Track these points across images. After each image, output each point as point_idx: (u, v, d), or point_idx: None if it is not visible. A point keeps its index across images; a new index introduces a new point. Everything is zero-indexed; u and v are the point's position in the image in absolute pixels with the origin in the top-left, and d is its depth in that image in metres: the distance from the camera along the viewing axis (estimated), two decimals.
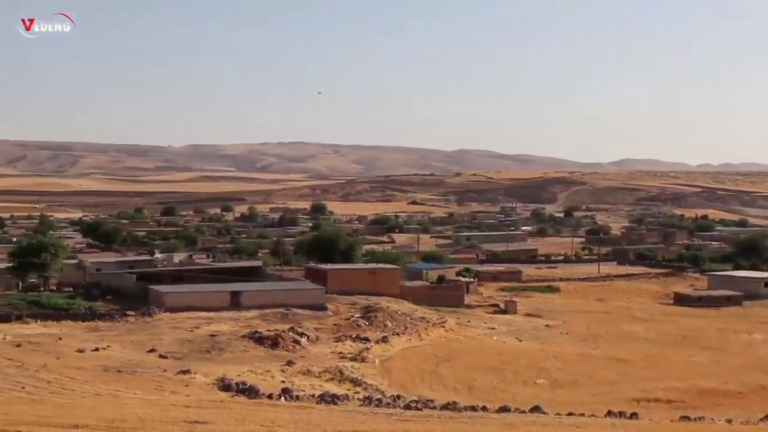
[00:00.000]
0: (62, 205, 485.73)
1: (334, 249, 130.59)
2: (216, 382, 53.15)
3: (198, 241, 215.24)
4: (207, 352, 69.04)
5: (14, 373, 51.96)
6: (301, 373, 61.96)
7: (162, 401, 42.69)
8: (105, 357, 63.49)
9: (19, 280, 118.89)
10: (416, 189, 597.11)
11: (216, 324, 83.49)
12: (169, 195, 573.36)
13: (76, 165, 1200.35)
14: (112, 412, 36.97)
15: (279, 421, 35.86)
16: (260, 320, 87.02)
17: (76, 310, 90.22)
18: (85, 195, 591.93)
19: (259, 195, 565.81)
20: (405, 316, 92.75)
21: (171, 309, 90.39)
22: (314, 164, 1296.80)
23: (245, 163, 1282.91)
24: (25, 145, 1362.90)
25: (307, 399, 46.66)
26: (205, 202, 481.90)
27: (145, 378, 53.30)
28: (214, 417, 36.14)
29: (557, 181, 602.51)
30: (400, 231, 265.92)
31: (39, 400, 42.24)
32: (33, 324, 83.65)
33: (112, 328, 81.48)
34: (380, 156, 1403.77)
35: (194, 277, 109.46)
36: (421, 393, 57.10)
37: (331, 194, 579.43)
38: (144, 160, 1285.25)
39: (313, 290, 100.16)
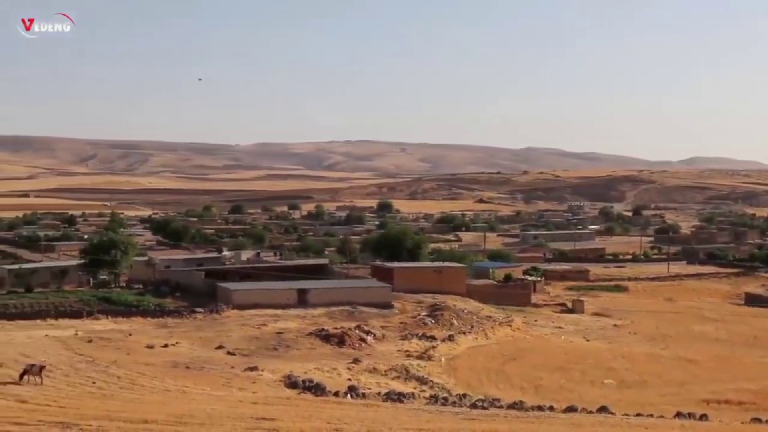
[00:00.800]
0: (132, 202, 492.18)
1: (401, 247, 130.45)
2: (283, 379, 53.42)
3: (265, 238, 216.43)
4: (274, 349, 69.40)
5: (85, 369, 52.76)
6: (367, 371, 62.03)
7: (229, 397, 43.05)
8: (174, 353, 64.15)
9: (91, 276, 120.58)
10: (483, 187, 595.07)
11: (283, 321, 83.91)
12: (237, 193, 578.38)
13: (146, 163, 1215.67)
14: (181, 407, 37.36)
15: (345, 419, 35.94)
16: (327, 318, 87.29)
17: (145, 306, 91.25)
18: (155, 193, 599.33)
19: (326, 193, 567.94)
20: (471, 314, 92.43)
21: (239, 306, 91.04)
22: (381, 162, 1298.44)
23: (312, 162, 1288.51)
24: (97, 144, 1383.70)
25: (373, 397, 46.73)
26: (272, 200, 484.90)
27: (213, 374, 53.75)
28: (281, 414, 36.32)
29: (625, 180, 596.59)
30: (466, 229, 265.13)
31: (109, 395, 42.84)
32: (104, 320, 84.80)
33: (181, 325, 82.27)
34: (447, 154, 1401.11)
35: (261, 274, 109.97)
36: (488, 392, 56.86)
37: (398, 192, 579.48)
38: (212, 158, 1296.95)
39: (379, 288, 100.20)
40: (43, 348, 63.13)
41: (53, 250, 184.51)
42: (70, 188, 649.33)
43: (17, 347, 62.67)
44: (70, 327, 78.43)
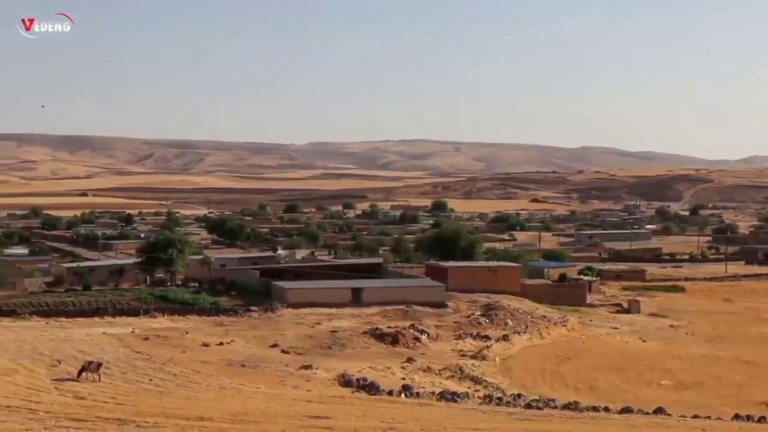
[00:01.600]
0: (188, 201, 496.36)
1: (455, 246, 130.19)
2: (337, 377, 53.55)
3: (320, 237, 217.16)
4: (328, 347, 69.59)
5: (143, 366, 53.33)
6: (421, 370, 61.98)
7: (284, 396, 43.27)
8: (229, 351, 64.58)
9: (147, 275, 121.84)
10: (538, 186, 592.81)
11: (337, 320, 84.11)
12: (292, 192, 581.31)
13: (202, 162, 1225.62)
14: (236, 405, 37.63)
15: (399, 418, 35.97)
16: (381, 317, 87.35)
17: (201, 305, 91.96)
18: (210, 192, 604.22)
19: (381, 192, 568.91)
20: (526, 314, 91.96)
21: (293, 305, 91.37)
22: (435, 162, 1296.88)
23: (367, 161, 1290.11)
24: (153, 143, 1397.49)
25: (427, 396, 46.69)
26: (326, 199, 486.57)
27: (267, 372, 54.02)
28: (335, 412, 36.44)
29: (683, 179, 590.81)
30: (521, 229, 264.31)
31: (165, 392, 43.26)
32: (160, 318, 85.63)
33: (236, 323, 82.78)
34: (501, 153, 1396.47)
35: (316, 273, 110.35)
36: (542, 392, 56.55)
37: (452, 191, 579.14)
38: (267, 157, 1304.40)
39: (433, 288, 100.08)
40: (100, 345, 63.93)
41: (111, 248, 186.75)
42: (127, 187, 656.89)
43: (75, 344, 63.53)
44: (128, 325, 79.29)
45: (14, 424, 32.07)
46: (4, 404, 36.86)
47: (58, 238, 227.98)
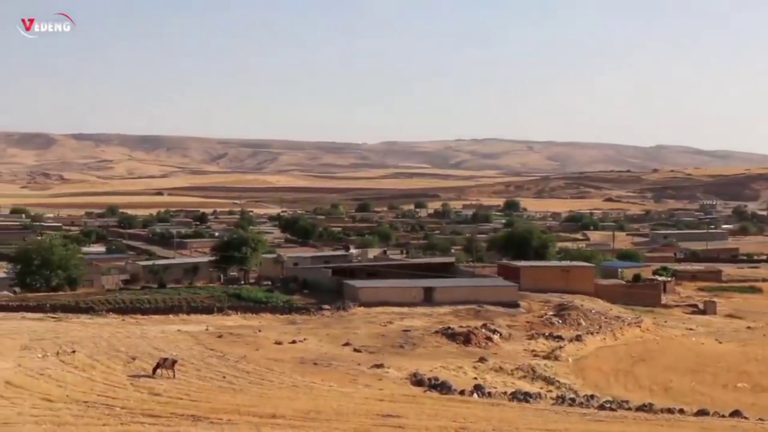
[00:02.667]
0: (261, 201, 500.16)
1: (528, 246, 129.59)
2: (409, 376, 53.52)
3: (392, 236, 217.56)
4: (400, 347, 69.58)
5: (216, 364, 53.84)
6: (493, 370, 61.69)
7: (356, 394, 43.37)
8: (302, 349, 64.91)
9: (221, 273, 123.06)
10: (611, 186, 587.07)
11: (409, 319, 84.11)
12: (364, 191, 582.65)
13: (275, 162, 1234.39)
14: (308, 403, 37.81)
15: (471, 418, 35.87)
16: (453, 316, 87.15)
17: (274, 303, 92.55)
18: (283, 191, 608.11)
19: (453, 191, 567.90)
20: (599, 314, 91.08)
21: (365, 304, 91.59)
22: (508, 161, 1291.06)
23: (439, 160, 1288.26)
24: (227, 143, 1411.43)
25: (499, 396, 46.47)
26: (399, 198, 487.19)
27: (339, 371, 54.18)
28: (407, 411, 36.44)
29: (761, 178, 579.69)
30: (594, 228, 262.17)
31: (239, 389, 43.62)
32: (234, 316, 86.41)
33: (309, 322, 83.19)
34: (574, 152, 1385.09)
35: (388, 272, 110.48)
36: (616, 393, 55.96)
37: (525, 191, 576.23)
38: (340, 157, 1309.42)
39: (505, 287, 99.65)
40: (175, 342, 64.66)
41: (185, 247, 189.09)
42: (201, 186, 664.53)
43: (151, 341, 64.35)
44: (202, 322, 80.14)
45: (91, 419, 32.61)
46: (82, 400, 37.48)
47: (134, 236, 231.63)
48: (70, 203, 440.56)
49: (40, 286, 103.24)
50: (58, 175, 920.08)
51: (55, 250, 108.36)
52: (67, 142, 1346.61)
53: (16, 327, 72.15)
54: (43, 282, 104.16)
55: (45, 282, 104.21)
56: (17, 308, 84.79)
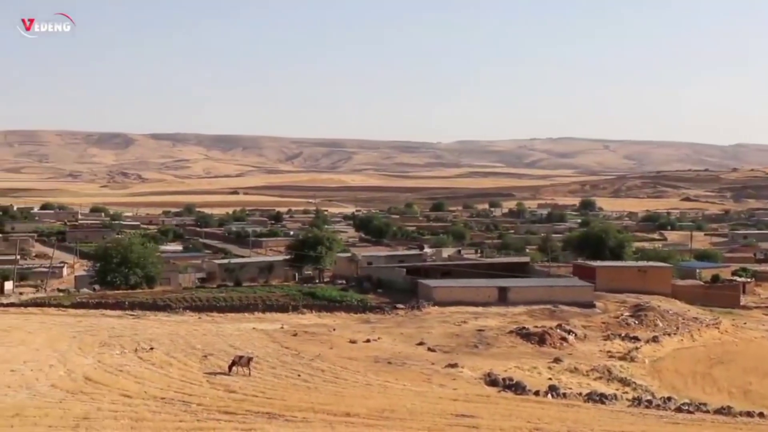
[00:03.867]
0: (335, 200, 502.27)
1: (603, 246, 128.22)
2: (483, 376, 53.35)
3: (466, 236, 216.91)
4: (474, 346, 69.39)
5: (291, 362, 54.21)
6: (568, 370, 61.22)
7: (430, 393, 43.34)
8: (376, 348, 65.06)
9: (296, 272, 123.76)
10: (689, 185, 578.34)
11: (483, 319, 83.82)
12: (438, 190, 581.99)
13: (350, 161, 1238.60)
14: (382, 402, 37.87)
15: (545, 418, 35.66)
16: (527, 316, 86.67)
17: (348, 302, 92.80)
18: (358, 190, 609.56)
19: (527, 191, 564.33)
20: (677, 315, 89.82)
21: (439, 303, 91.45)
22: (583, 160, 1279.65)
23: (513, 159, 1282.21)
24: (302, 142, 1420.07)
25: (574, 397, 46.13)
26: (473, 197, 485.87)
27: (413, 370, 54.20)
28: (481, 411, 36.33)
29: None
30: (671, 228, 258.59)
31: (313, 387, 43.86)
32: (308, 314, 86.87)
33: (383, 321, 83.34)
34: (651, 151, 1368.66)
35: (462, 272, 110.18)
36: (693, 396, 55.12)
37: (600, 190, 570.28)
38: (414, 156, 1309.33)
39: (581, 287, 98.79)
40: (250, 340, 65.27)
41: (261, 245, 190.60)
42: (276, 185, 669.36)
43: (227, 339, 65.05)
44: (277, 321, 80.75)
45: (168, 416, 33.05)
46: (159, 396, 38.01)
47: (211, 235, 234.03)
48: (148, 202, 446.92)
49: (119, 284, 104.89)
50: (136, 175, 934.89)
51: (134, 249, 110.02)
52: (145, 141, 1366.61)
53: (96, 324, 73.52)
54: (121, 280, 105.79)
55: (124, 280, 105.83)
56: (97, 305, 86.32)
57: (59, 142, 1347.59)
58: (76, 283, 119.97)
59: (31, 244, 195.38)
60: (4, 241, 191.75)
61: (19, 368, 45.95)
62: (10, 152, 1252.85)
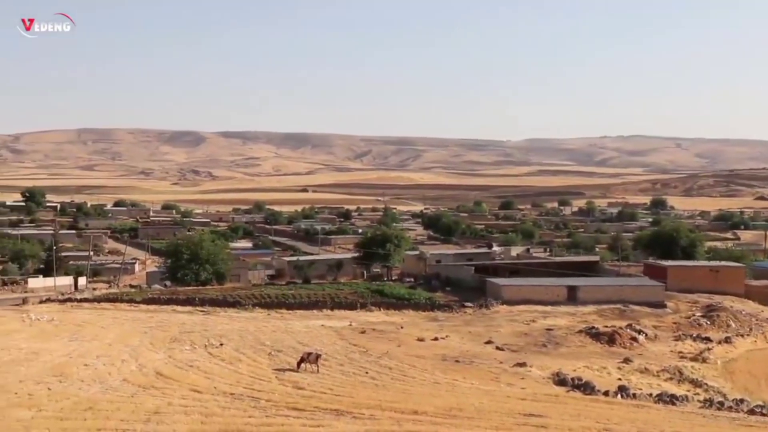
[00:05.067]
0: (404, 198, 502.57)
1: (675, 245, 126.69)
2: (551, 376, 52.98)
3: (535, 234, 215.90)
4: (543, 345, 68.95)
5: (359, 359, 54.32)
6: (638, 371, 60.50)
7: (498, 392, 43.15)
8: (443, 347, 64.93)
9: (364, 269, 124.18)
10: (763, 184, 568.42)
11: (552, 318, 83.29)
12: (507, 189, 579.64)
13: (418, 159, 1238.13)
14: (450, 400, 37.78)
15: (615, 419, 35.31)
16: (597, 316, 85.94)
17: (416, 300, 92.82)
18: (426, 188, 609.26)
19: (598, 189, 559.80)
20: (750, 316, 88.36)
21: (508, 302, 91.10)
22: (655, 158, 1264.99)
23: (583, 157, 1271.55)
24: (371, 140, 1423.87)
25: (644, 398, 45.59)
26: (542, 196, 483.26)
27: (482, 369, 53.99)
28: (549, 411, 36.09)
29: None
30: (745, 228, 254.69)
31: (381, 385, 43.89)
32: (376, 312, 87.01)
33: (451, 319, 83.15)
34: (724, 149, 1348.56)
35: (531, 270, 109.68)
36: (767, 398, 54.24)
37: (672, 189, 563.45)
38: (483, 154, 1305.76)
39: (651, 287, 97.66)
40: (319, 337, 65.55)
41: (329, 243, 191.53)
42: (345, 183, 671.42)
43: (295, 336, 65.41)
44: (345, 318, 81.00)
45: (237, 411, 33.34)
46: (229, 392, 38.34)
47: (280, 232, 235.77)
48: (218, 200, 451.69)
49: (189, 280, 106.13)
50: (207, 172, 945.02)
51: (204, 246, 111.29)
52: (216, 140, 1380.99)
53: (167, 320, 74.46)
54: (192, 276, 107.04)
55: (194, 276, 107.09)
56: (168, 301, 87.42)
57: (132, 140, 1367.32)
58: (147, 279, 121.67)
59: (104, 240, 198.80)
60: (78, 237, 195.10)
61: (93, 363, 46.66)
62: (84, 150, 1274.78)
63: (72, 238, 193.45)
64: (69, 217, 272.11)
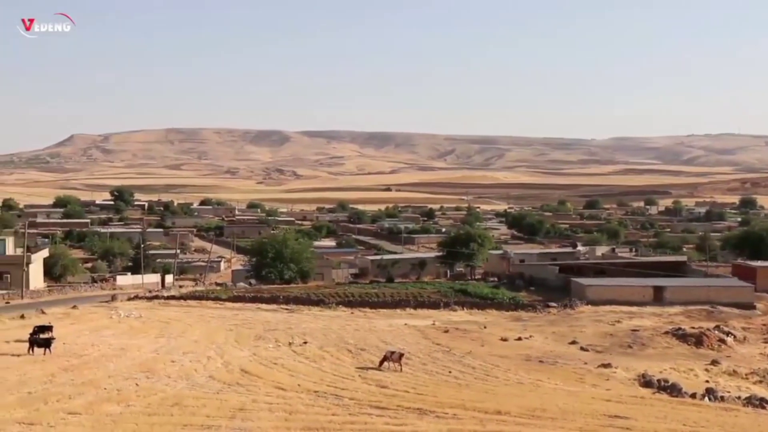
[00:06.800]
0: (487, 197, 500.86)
1: (765, 245, 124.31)
2: (637, 377, 52.29)
3: (621, 234, 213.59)
4: (628, 346, 68.16)
5: (442, 358, 54.26)
6: (726, 373, 59.42)
7: (582, 393, 42.73)
8: (527, 347, 64.56)
9: (448, 268, 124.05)
10: None
11: (638, 319, 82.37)
12: (592, 188, 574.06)
13: (502, 158, 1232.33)
14: (534, 401, 37.51)
15: (702, 422, 34.73)
16: (684, 317, 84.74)
17: (500, 299, 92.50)
18: (510, 187, 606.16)
19: (685, 188, 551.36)
20: None
21: (592, 302, 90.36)
22: (744, 156, 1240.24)
23: (670, 156, 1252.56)
24: (455, 139, 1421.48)
25: (732, 401, 44.75)
26: (628, 195, 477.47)
27: (566, 369, 53.55)
28: (635, 413, 35.63)
29: None
30: None
31: (464, 385, 43.75)
32: (460, 311, 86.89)
33: (535, 319, 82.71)
34: None
35: (616, 270, 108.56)
36: None
37: (762, 188, 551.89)
38: (568, 152, 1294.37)
39: (740, 288, 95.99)
40: (402, 336, 65.65)
41: (413, 242, 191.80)
42: (428, 182, 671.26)
43: (378, 334, 65.60)
44: (428, 317, 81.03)
45: (321, 409, 33.48)
46: (312, 389, 38.53)
47: (364, 231, 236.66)
48: (302, 198, 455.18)
49: (274, 279, 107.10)
50: (291, 171, 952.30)
51: (289, 244, 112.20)
52: (300, 139, 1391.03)
53: (252, 317, 75.29)
54: (276, 274, 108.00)
55: (278, 274, 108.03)
56: (253, 299, 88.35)
57: (218, 139, 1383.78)
58: (232, 277, 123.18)
59: (191, 238, 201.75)
60: (165, 235, 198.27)
61: (179, 359, 47.27)
62: (171, 150, 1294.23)
63: (159, 236, 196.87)
64: (156, 215, 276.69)
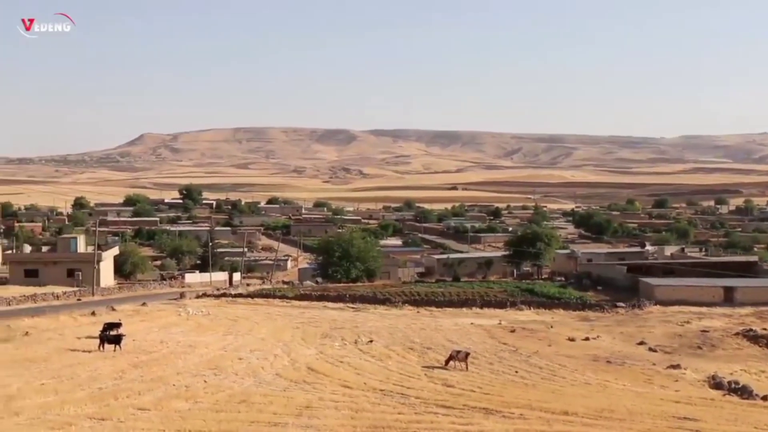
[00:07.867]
0: (554, 196, 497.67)
1: None
2: (707, 379, 51.64)
3: (690, 234, 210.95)
4: (698, 347, 67.31)
5: (509, 358, 54.05)
6: None
7: (651, 395, 42.30)
8: (594, 347, 64.08)
9: (514, 268, 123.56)
10: None
11: (707, 319, 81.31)
12: (661, 187, 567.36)
13: (569, 157, 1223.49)
14: (601, 401, 37.22)
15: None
16: (755, 318, 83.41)
17: (567, 299, 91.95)
18: (577, 186, 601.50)
19: (756, 187, 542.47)
20: None
21: (661, 302, 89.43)
22: None
23: (741, 154, 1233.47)
24: (522, 137, 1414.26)
25: None
26: (697, 194, 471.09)
27: (634, 370, 53.04)
28: (704, 415, 35.18)
29: None
30: None
31: (531, 384, 43.54)
32: (526, 311, 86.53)
33: (602, 319, 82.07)
34: None
35: (686, 270, 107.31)
36: None
37: None
38: (636, 151, 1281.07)
39: None
40: (468, 335, 65.52)
41: (479, 241, 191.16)
42: (495, 181, 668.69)
43: (444, 333, 65.55)
44: (494, 316, 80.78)
45: (387, 407, 33.54)
46: (378, 388, 38.61)
47: (430, 230, 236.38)
48: (368, 197, 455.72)
49: (340, 277, 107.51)
50: (357, 170, 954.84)
51: (355, 243, 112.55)
52: (367, 138, 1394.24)
53: (318, 315, 75.66)
54: (343, 273, 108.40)
55: (345, 273, 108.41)
56: (319, 298, 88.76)
57: (284, 138, 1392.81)
58: (299, 275, 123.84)
59: (258, 237, 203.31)
60: (232, 234, 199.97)
61: (247, 356, 47.66)
62: (239, 149, 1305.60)
63: (227, 234, 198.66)
64: (224, 214, 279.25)
